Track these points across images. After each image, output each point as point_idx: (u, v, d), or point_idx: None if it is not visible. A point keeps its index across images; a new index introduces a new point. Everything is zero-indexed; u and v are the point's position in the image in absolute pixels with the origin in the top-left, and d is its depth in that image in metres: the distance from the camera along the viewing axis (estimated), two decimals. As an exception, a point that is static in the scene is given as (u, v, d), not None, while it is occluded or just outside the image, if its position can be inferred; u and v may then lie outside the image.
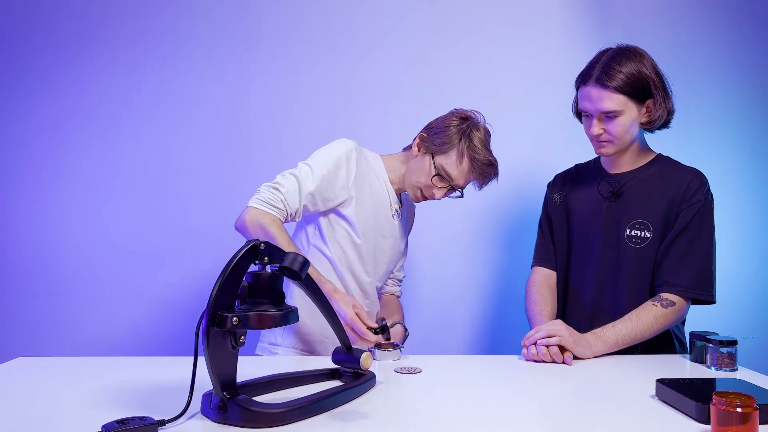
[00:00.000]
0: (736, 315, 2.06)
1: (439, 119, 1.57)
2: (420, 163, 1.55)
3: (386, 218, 1.59)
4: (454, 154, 1.52)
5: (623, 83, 1.43)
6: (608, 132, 1.47)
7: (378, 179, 1.58)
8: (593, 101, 1.45)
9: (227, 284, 0.89)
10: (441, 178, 1.53)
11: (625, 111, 1.45)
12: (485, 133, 1.57)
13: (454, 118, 1.55)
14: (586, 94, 1.47)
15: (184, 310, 2.02)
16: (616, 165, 1.58)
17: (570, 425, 0.96)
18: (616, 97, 1.43)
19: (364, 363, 1.10)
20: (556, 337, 1.32)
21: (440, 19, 2.14)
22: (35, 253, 2.03)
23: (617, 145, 1.50)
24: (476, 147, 1.52)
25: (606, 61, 1.46)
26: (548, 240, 1.67)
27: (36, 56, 2.04)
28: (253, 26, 2.09)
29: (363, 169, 1.53)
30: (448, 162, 1.52)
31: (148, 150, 2.06)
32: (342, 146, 1.50)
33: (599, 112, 1.46)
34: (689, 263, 1.44)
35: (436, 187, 1.54)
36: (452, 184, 1.55)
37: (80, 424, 0.89)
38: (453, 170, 1.53)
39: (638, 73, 1.44)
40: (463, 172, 1.53)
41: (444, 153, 1.52)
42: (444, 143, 1.52)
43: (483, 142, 1.54)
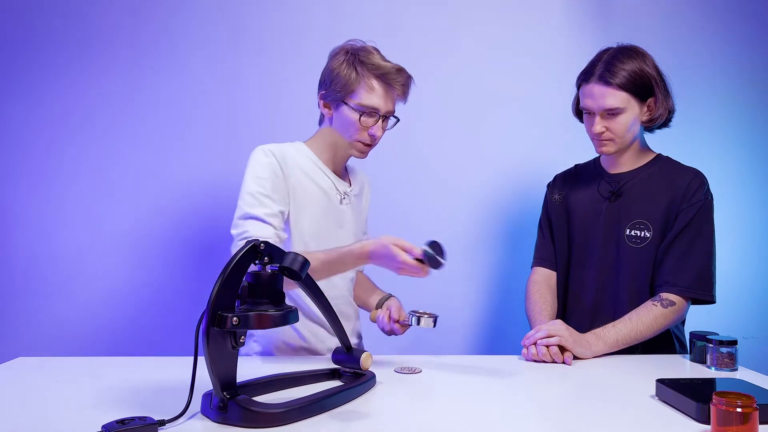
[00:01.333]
0: (736, 315, 2.06)
1: (325, 71, 1.47)
2: (339, 119, 1.45)
3: (334, 208, 1.49)
4: (361, 85, 1.40)
5: (626, 80, 1.43)
6: (610, 130, 1.47)
7: (311, 171, 1.47)
8: (596, 98, 1.46)
9: (227, 284, 0.89)
10: (368, 114, 1.41)
11: (627, 109, 1.45)
12: (375, 50, 1.45)
13: (337, 58, 1.44)
14: (588, 91, 1.48)
15: (184, 310, 2.01)
16: (616, 165, 1.58)
17: (570, 425, 0.96)
18: (619, 94, 1.44)
19: (364, 363, 1.10)
20: (556, 337, 1.32)
21: (440, 18, 2.14)
22: (35, 253, 2.03)
23: (618, 144, 1.50)
24: (375, 64, 1.41)
25: (608, 59, 1.47)
26: (548, 240, 1.67)
27: (35, 56, 2.04)
28: (253, 26, 2.09)
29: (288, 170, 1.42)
30: (362, 96, 1.40)
31: (147, 150, 2.06)
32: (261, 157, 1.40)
33: (602, 110, 1.46)
34: (689, 263, 1.44)
35: (370, 127, 1.43)
36: (381, 114, 1.43)
37: (80, 424, 0.89)
38: (372, 100, 1.41)
39: (640, 70, 1.45)
40: (381, 95, 1.42)
41: (352, 92, 1.41)
42: (345, 84, 1.41)
43: (378, 58, 1.43)
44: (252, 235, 1.30)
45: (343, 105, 1.43)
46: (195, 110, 2.07)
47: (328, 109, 1.47)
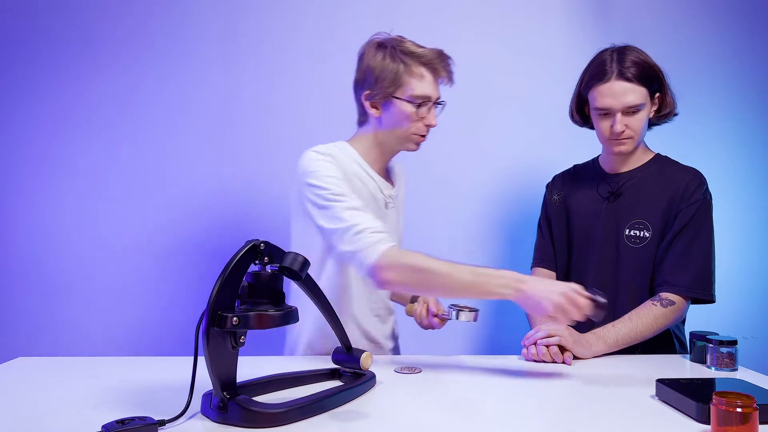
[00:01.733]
0: (736, 315, 2.06)
1: (363, 69, 1.41)
2: (391, 116, 1.39)
3: (383, 214, 1.44)
4: (410, 76, 1.36)
5: (642, 75, 1.44)
6: (629, 127, 1.47)
7: (360, 174, 1.41)
8: (617, 96, 1.44)
9: (227, 284, 0.89)
10: (422, 104, 1.38)
11: (645, 104, 1.46)
12: (403, 38, 1.41)
13: (373, 55, 1.38)
14: (607, 90, 1.45)
15: (184, 310, 2.01)
16: (616, 165, 1.58)
17: (570, 425, 0.96)
18: (639, 90, 1.44)
19: (364, 363, 1.10)
20: (556, 337, 1.32)
21: (440, 18, 2.14)
22: (35, 253, 2.03)
23: (635, 141, 1.50)
24: (418, 53, 1.37)
25: (618, 57, 1.47)
26: (548, 241, 1.67)
27: (35, 57, 2.04)
28: (253, 26, 2.09)
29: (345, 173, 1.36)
30: (414, 86, 1.36)
31: (147, 150, 2.06)
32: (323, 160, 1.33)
33: (624, 107, 1.45)
34: (689, 263, 1.44)
35: (426, 117, 1.40)
36: (433, 101, 1.40)
37: (80, 424, 0.89)
38: (423, 88, 1.37)
39: (650, 65, 1.47)
40: (430, 81, 1.39)
41: (401, 85, 1.36)
42: (392, 80, 1.36)
43: (414, 45, 1.38)
44: (367, 226, 1.23)
45: (394, 100, 1.38)
46: (196, 110, 2.07)
47: (376, 108, 1.41)
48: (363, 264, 1.21)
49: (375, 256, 1.20)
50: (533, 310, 1.17)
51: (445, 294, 1.26)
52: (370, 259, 1.20)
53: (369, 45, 1.42)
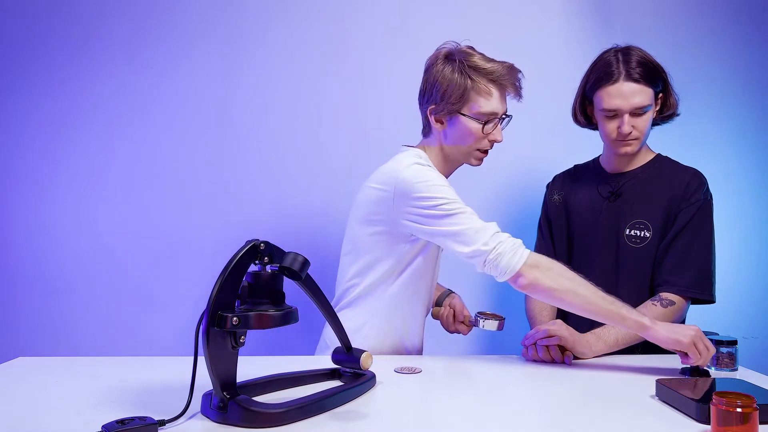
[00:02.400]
0: (736, 315, 2.05)
1: (429, 81, 1.38)
2: (455, 131, 1.37)
3: None
4: (477, 93, 1.34)
5: (649, 76, 1.44)
6: (636, 128, 1.47)
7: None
8: (626, 97, 1.44)
9: (227, 284, 0.89)
10: (489, 121, 1.35)
11: (652, 105, 1.47)
12: (472, 50, 1.38)
13: (440, 67, 1.36)
14: (616, 91, 1.45)
15: (184, 310, 2.01)
16: (616, 165, 1.58)
17: (570, 425, 0.96)
18: (647, 91, 1.45)
19: (364, 363, 1.10)
20: (556, 337, 1.32)
21: (440, 18, 2.14)
22: (35, 253, 2.03)
23: (641, 142, 1.51)
24: (486, 68, 1.34)
25: (624, 58, 1.46)
26: (548, 241, 1.67)
27: (34, 56, 2.04)
28: (253, 26, 2.09)
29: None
30: (480, 104, 1.34)
31: (146, 150, 2.06)
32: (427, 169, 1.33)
33: (633, 108, 1.44)
34: (689, 263, 1.44)
35: (491, 133, 1.37)
36: (500, 116, 1.38)
37: (80, 424, 0.89)
38: (491, 105, 1.35)
39: (655, 65, 1.47)
40: (498, 98, 1.36)
41: (468, 101, 1.33)
42: (460, 95, 1.33)
43: (483, 59, 1.36)
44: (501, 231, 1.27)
45: (460, 116, 1.35)
46: (196, 110, 2.07)
47: (441, 123, 1.38)
48: (509, 264, 1.23)
49: (524, 257, 1.24)
50: (669, 347, 1.21)
51: (579, 310, 1.25)
52: (518, 259, 1.23)
53: (436, 55, 1.39)
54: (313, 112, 2.10)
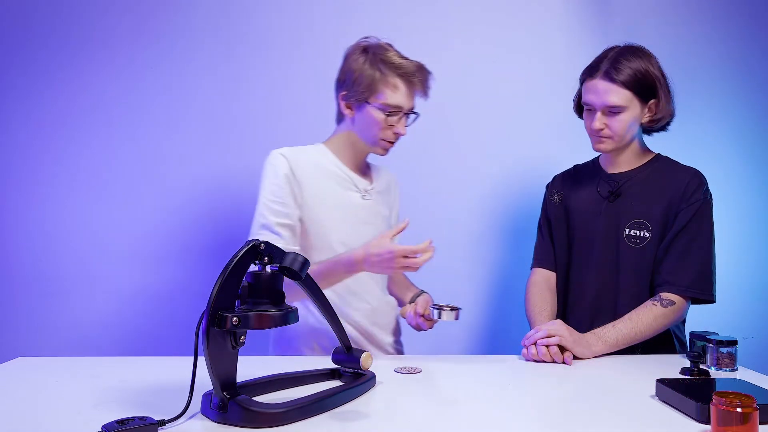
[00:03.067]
0: (736, 315, 2.05)
1: (344, 70, 1.47)
2: (362, 119, 1.46)
3: (357, 205, 1.51)
4: (384, 85, 1.41)
5: (630, 79, 1.44)
6: (609, 128, 1.48)
7: (329, 170, 1.49)
8: (599, 94, 1.46)
9: (227, 284, 0.89)
10: (392, 113, 1.43)
11: (629, 108, 1.46)
12: (388, 45, 1.47)
13: (355, 57, 1.44)
14: (592, 87, 1.48)
15: (184, 310, 2.01)
16: (615, 164, 1.58)
17: (570, 425, 0.96)
18: (622, 92, 1.44)
19: (364, 363, 1.10)
20: (556, 337, 1.32)
21: (441, 17, 2.14)
22: (35, 254, 2.03)
23: (616, 143, 1.50)
24: (396, 63, 1.42)
25: (614, 56, 1.47)
26: (547, 241, 1.67)
27: (34, 56, 2.04)
28: (254, 26, 2.09)
29: (302, 173, 1.44)
30: (386, 96, 1.42)
31: (147, 150, 2.06)
32: (274, 164, 1.43)
33: (604, 106, 1.46)
34: (689, 263, 1.44)
35: (394, 126, 1.45)
36: (404, 112, 1.45)
37: (80, 424, 0.89)
38: (396, 99, 1.42)
39: (645, 71, 1.46)
40: (404, 94, 1.44)
41: (375, 92, 1.42)
42: (369, 84, 1.41)
43: (398, 56, 1.44)
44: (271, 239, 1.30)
45: (367, 105, 1.44)
46: (196, 110, 2.07)
47: (350, 109, 1.48)
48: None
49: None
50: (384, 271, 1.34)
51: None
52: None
53: (355, 47, 1.47)
54: (312, 112, 2.10)
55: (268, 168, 1.44)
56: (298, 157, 1.46)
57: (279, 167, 1.43)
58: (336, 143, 1.54)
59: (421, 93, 1.48)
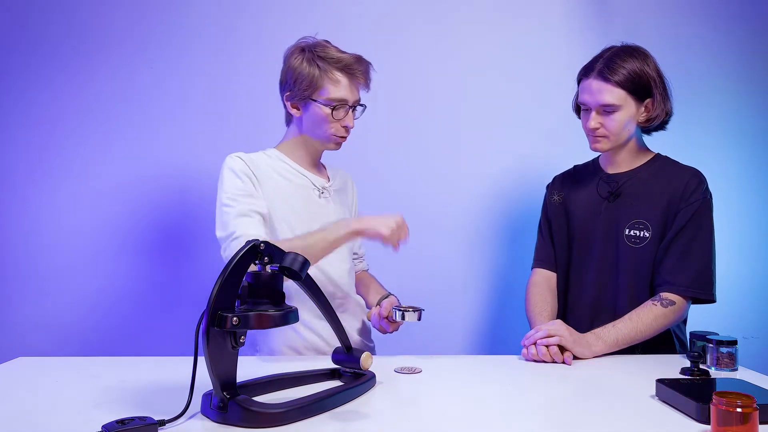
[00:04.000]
0: (736, 315, 2.06)
1: (284, 71, 1.49)
2: (309, 117, 1.46)
3: (314, 203, 1.50)
4: (326, 80, 1.42)
5: (625, 79, 1.44)
6: (604, 127, 1.48)
7: (284, 171, 1.49)
8: (593, 94, 1.47)
9: (227, 284, 0.89)
10: (338, 107, 1.44)
11: (623, 107, 1.46)
12: (326, 42, 1.47)
13: (294, 58, 1.45)
14: (587, 86, 1.49)
15: (184, 310, 2.01)
16: (615, 164, 1.58)
17: (570, 425, 0.96)
18: (617, 92, 1.45)
19: (364, 363, 1.10)
20: (556, 337, 1.32)
21: (441, 17, 2.14)
22: (35, 253, 2.03)
23: (612, 142, 1.50)
24: (334, 58, 1.42)
25: (609, 56, 1.48)
26: (548, 241, 1.67)
27: (33, 56, 2.04)
28: (251, 26, 2.09)
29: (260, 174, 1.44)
30: (330, 90, 1.42)
31: (146, 150, 2.06)
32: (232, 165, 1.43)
33: (598, 105, 1.47)
34: (689, 262, 1.44)
35: (342, 119, 1.45)
36: (350, 105, 1.46)
37: (80, 424, 0.89)
38: (339, 92, 1.43)
39: (640, 70, 1.46)
40: (347, 86, 1.44)
41: (317, 89, 1.42)
42: (310, 82, 1.42)
43: (335, 50, 1.45)
44: (242, 233, 1.31)
45: (312, 102, 1.44)
46: (194, 109, 2.07)
47: (297, 109, 1.48)
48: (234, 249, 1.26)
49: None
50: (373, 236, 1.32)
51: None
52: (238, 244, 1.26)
53: (294, 47, 1.48)
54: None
55: (226, 170, 1.43)
56: (253, 159, 1.46)
57: (238, 166, 1.42)
58: (288, 145, 1.54)
59: (363, 85, 1.49)
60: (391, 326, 1.45)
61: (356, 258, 1.70)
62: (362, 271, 1.72)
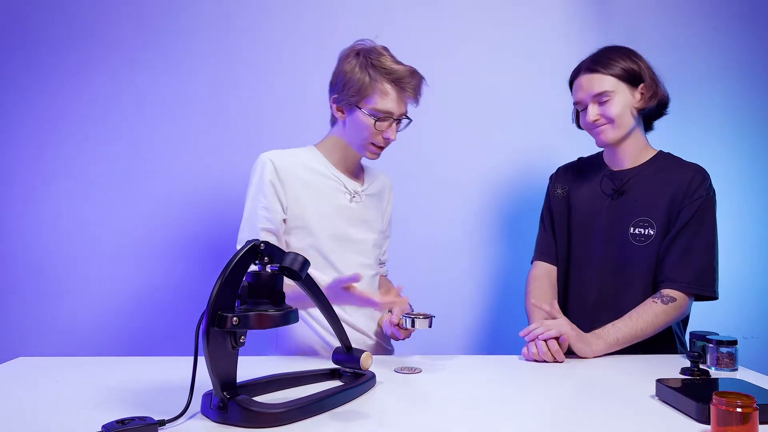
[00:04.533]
0: (737, 315, 2.05)
1: (336, 72, 1.46)
2: (352, 123, 1.45)
3: (345, 207, 1.50)
4: (375, 90, 1.40)
5: (613, 66, 1.49)
6: (604, 116, 1.50)
7: (318, 172, 1.49)
8: (584, 88, 1.51)
9: (227, 284, 0.89)
10: (382, 119, 1.42)
11: (617, 92, 1.48)
12: (386, 50, 1.44)
13: (348, 61, 1.43)
14: (578, 84, 1.53)
15: (184, 310, 2.01)
16: (618, 161, 1.58)
17: (570, 425, 0.96)
18: (608, 78, 1.48)
19: (364, 363, 1.10)
20: (554, 330, 1.32)
21: (443, 15, 2.14)
22: (35, 253, 2.03)
23: (616, 130, 1.50)
24: (387, 68, 1.39)
25: (595, 53, 1.54)
26: (549, 234, 1.67)
27: (33, 56, 2.04)
28: (253, 26, 2.09)
29: (287, 176, 1.44)
30: (377, 101, 1.40)
31: (147, 150, 2.06)
32: (259, 169, 1.44)
33: (592, 96, 1.49)
34: (691, 259, 1.43)
35: (384, 131, 1.44)
36: (395, 118, 1.44)
37: (80, 424, 0.89)
38: (386, 104, 1.41)
39: (628, 59, 1.50)
40: (395, 99, 1.42)
41: (366, 96, 1.40)
42: (358, 89, 1.40)
43: (390, 60, 1.42)
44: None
45: (357, 110, 1.43)
46: (196, 110, 2.07)
47: (341, 112, 1.47)
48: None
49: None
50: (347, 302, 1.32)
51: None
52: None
53: (349, 50, 1.46)
54: (312, 112, 2.10)
55: (254, 172, 1.45)
56: (285, 159, 1.46)
57: (265, 171, 1.43)
58: (327, 145, 1.54)
59: (412, 99, 1.47)
60: (402, 333, 1.43)
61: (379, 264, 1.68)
62: (381, 276, 1.71)
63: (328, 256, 1.47)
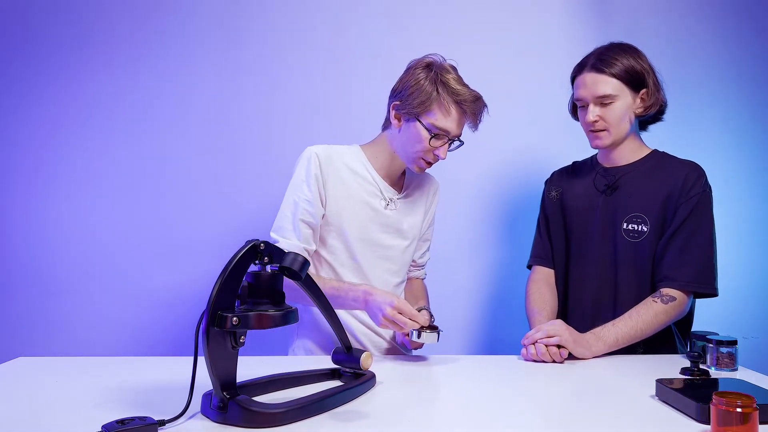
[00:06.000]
0: (737, 314, 2.06)
1: (404, 80, 1.45)
2: (407, 132, 1.44)
3: (379, 213, 1.49)
4: (438, 106, 1.39)
5: (618, 69, 1.47)
6: (603, 119, 1.49)
7: (358, 174, 1.49)
8: (588, 87, 1.49)
9: (227, 284, 0.89)
10: (438, 136, 1.41)
11: (620, 97, 1.47)
12: (454, 70, 1.45)
13: (418, 71, 1.42)
14: (581, 81, 1.51)
15: (184, 310, 2.01)
16: (612, 159, 1.58)
17: (570, 425, 0.96)
18: (612, 81, 1.47)
19: (364, 363, 1.10)
20: (556, 338, 1.32)
21: (442, 15, 2.14)
22: (35, 253, 2.03)
23: (613, 135, 1.50)
24: (455, 89, 1.40)
25: (601, 50, 1.51)
26: (545, 239, 1.67)
27: (33, 56, 2.04)
28: (253, 26, 2.09)
29: (330, 171, 1.45)
30: (437, 117, 1.40)
31: (146, 150, 2.06)
32: (305, 161, 1.44)
33: (595, 97, 1.48)
34: (689, 257, 1.43)
35: (437, 148, 1.43)
36: (450, 137, 1.44)
37: (80, 424, 0.89)
38: (445, 123, 1.40)
39: (634, 62, 1.48)
40: (455, 120, 1.41)
41: (428, 110, 1.40)
42: (423, 101, 1.39)
43: (458, 81, 1.42)
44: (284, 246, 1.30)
45: (416, 121, 1.42)
46: (196, 109, 2.07)
47: (399, 120, 1.46)
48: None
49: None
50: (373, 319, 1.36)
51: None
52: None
53: (419, 61, 1.46)
54: (312, 112, 2.10)
55: (300, 164, 1.46)
56: (330, 156, 1.46)
57: (311, 165, 1.43)
58: (373, 148, 1.53)
59: (471, 124, 1.46)
60: (412, 344, 1.43)
61: (414, 266, 1.68)
62: (417, 279, 1.71)
63: (357, 258, 1.48)
